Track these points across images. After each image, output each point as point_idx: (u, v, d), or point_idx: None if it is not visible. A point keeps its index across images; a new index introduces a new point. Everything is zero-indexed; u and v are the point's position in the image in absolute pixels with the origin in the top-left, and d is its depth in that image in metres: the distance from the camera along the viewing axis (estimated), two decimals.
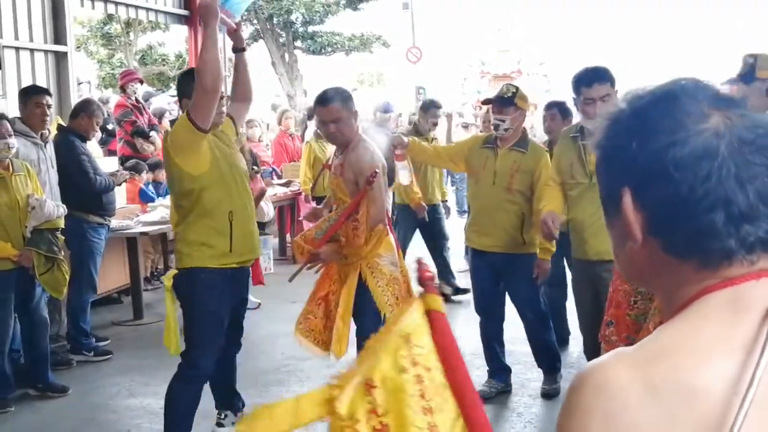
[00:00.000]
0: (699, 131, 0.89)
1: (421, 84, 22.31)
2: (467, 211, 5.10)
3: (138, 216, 7.14)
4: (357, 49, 22.92)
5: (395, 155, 4.91)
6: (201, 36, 3.99)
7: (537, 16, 32.31)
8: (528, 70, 22.46)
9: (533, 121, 10.86)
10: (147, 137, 8.47)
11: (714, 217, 0.88)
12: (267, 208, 7.69)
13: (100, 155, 7.57)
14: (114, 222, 6.30)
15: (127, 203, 7.57)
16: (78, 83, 8.87)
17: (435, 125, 7.35)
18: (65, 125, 6.03)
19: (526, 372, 5.23)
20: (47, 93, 5.54)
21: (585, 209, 4.08)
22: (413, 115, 16.64)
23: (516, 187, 4.60)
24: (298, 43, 22.36)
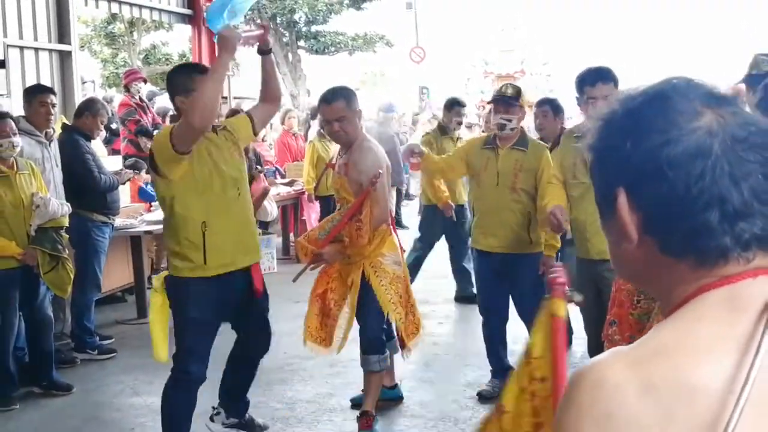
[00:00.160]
0: (692, 130, 0.89)
1: (425, 84, 22.34)
2: (473, 213, 5.08)
3: (142, 215, 7.16)
4: (360, 49, 22.93)
5: (411, 164, 4.90)
6: (212, 63, 3.74)
7: (540, 16, 32.32)
8: (531, 70, 22.49)
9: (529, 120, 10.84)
10: (151, 136, 8.46)
11: (709, 216, 0.88)
12: (270, 207, 7.72)
13: (104, 154, 7.59)
14: (118, 221, 6.31)
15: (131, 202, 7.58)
16: (82, 82, 8.90)
17: (459, 124, 7.18)
18: (70, 124, 6.06)
19: None
20: (52, 92, 5.56)
21: (587, 209, 4.09)
22: (416, 115, 16.70)
23: (520, 186, 4.61)
24: (301, 43, 22.37)
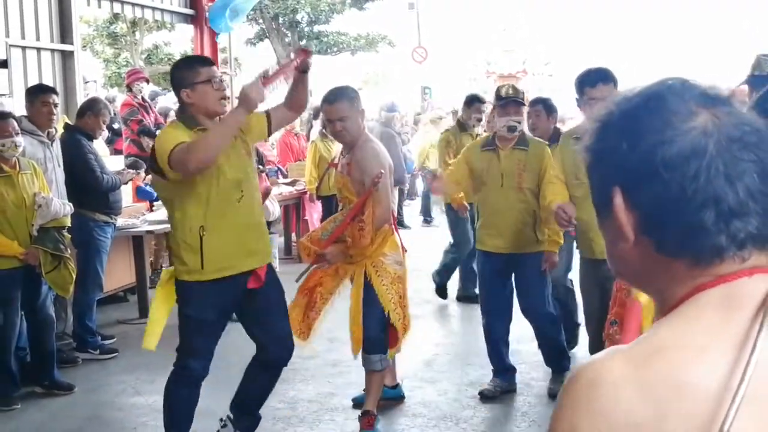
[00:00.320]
0: (686, 130, 0.90)
1: (427, 84, 22.34)
2: (477, 215, 5.05)
3: (144, 215, 7.16)
4: (362, 49, 22.97)
5: (432, 188, 4.90)
6: (227, 116, 3.53)
7: (542, 16, 32.29)
8: (533, 70, 22.48)
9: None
10: (153, 136, 8.47)
11: (704, 215, 0.89)
12: (272, 207, 7.71)
13: (106, 154, 7.58)
14: (120, 221, 6.32)
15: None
16: (84, 82, 8.90)
17: (479, 121, 7.05)
18: (72, 124, 6.06)
19: (531, 371, 5.23)
20: (54, 92, 5.56)
21: (590, 209, 4.04)
22: (418, 115, 16.69)
23: (526, 186, 4.62)
24: (303, 43, 22.39)
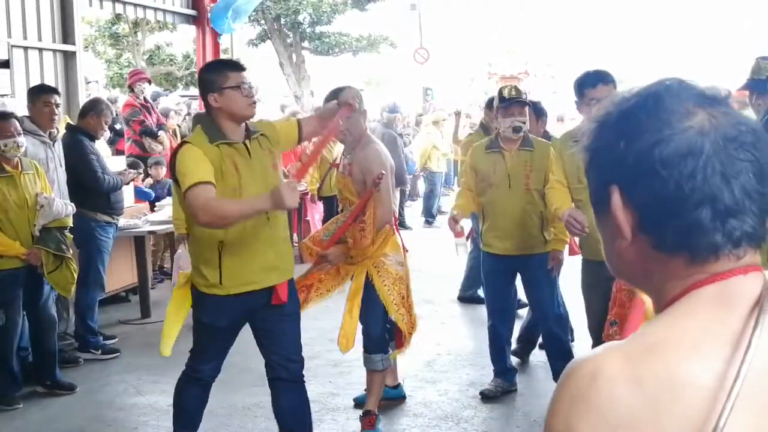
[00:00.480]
0: (683, 129, 0.91)
1: (428, 85, 22.32)
2: (482, 218, 4.99)
3: (146, 215, 7.17)
4: (364, 50, 22.94)
5: (456, 233, 4.89)
6: (253, 201, 3.35)
7: (544, 17, 32.29)
8: (535, 71, 22.48)
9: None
10: (155, 137, 8.51)
11: (700, 214, 0.90)
12: None
13: (108, 154, 7.59)
14: (122, 221, 6.32)
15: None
16: (86, 82, 8.92)
17: None
18: (74, 124, 6.07)
19: (532, 372, 5.23)
20: (56, 92, 5.57)
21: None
22: (419, 116, 16.68)
23: (533, 187, 4.60)
24: (305, 44, 22.40)
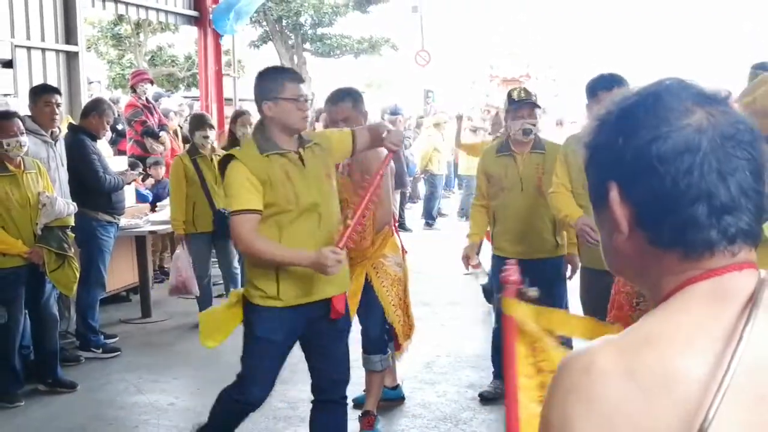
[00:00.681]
0: (681, 126, 0.93)
1: (429, 87, 22.32)
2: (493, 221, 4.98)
3: (147, 215, 7.20)
4: (366, 52, 22.98)
5: (473, 266, 4.89)
6: (296, 255, 3.32)
7: (546, 19, 32.27)
8: (537, 74, 22.46)
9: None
10: (157, 137, 8.54)
11: (696, 210, 0.92)
12: None
13: (110, 155, 7.62)
14: (123, 221, 6.35)
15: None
16: (88, 83, 8.95)
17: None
18: (76, 124, 6.09)
19: None
20: (56, 92, 5.59)
21: None
22: (420, 118, 16.69)
23: (546, 190, 4.48)
24: (306, 46, 22.44)
